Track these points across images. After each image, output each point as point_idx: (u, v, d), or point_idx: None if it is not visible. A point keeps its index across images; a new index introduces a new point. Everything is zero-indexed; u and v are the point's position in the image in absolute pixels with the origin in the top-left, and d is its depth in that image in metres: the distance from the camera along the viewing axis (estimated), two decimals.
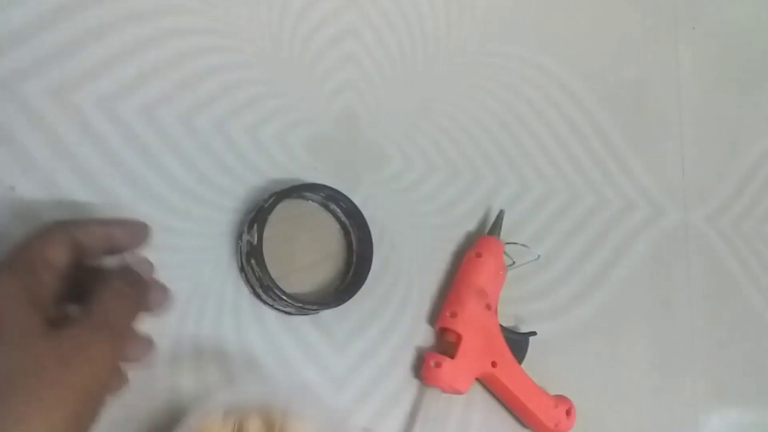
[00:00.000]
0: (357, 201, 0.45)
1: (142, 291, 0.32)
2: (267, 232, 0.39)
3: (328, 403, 0.41)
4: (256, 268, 0.39)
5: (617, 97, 0.57)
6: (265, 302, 0.41)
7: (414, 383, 0.44)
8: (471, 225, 0.49)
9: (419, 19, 0.51)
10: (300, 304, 0.39)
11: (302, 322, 0.42)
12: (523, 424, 0.47)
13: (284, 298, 0.39)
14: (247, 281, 0.40)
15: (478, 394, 0.46)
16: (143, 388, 0.36)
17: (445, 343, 0.44)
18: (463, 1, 0.53)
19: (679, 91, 0.59)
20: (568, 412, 0.46)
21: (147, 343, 0.33)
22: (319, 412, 0.36)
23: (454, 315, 0.43)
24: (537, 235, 0.51)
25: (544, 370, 0.48)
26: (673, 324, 0.54)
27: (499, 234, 0.47)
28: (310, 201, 0.44)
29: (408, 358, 0.45)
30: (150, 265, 0.35)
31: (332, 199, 0.43)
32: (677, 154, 0.58)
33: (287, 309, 0.41)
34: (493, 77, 0.52)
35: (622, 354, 0.52)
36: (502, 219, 0.47)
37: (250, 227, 0.39)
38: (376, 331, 0.44)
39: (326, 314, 0.42)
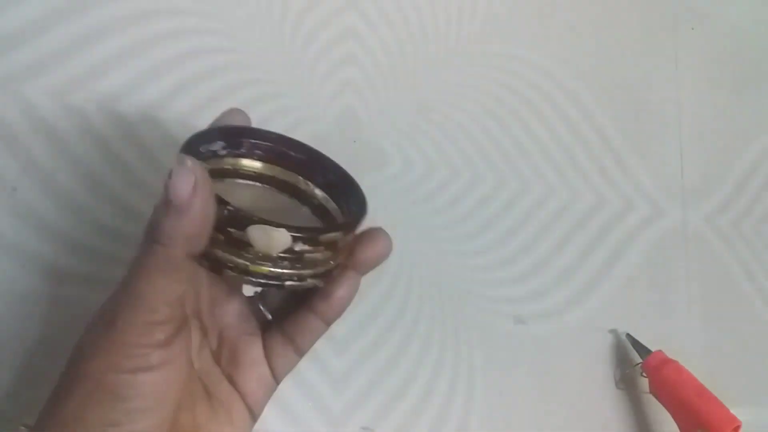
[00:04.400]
0: None
1: None
2: None
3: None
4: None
5: (616, 97, 0.57)
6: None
7: (415, 380, 0.44)
8: (471, 225, 0.49)
9: (419, 19, 0.51)
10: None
11: None
12: None
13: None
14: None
15: None
16: None
17: None
18: (463, 2, 0.53)
19: (678, 91, 0.59)
20: None
21: None
22: None
23: None
24: (537, 234, 0.51)
25: (543, 370, 0.48)
26: (671, 324, 0.54)
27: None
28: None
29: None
30: None
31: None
32: (676, 154, 0.58)
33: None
34: (493, 77, 0.53)
35: None
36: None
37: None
38: (376, 331, 0.44)
39: None
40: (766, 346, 0.56)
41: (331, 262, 0.29)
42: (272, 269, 0.28)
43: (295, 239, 0.27)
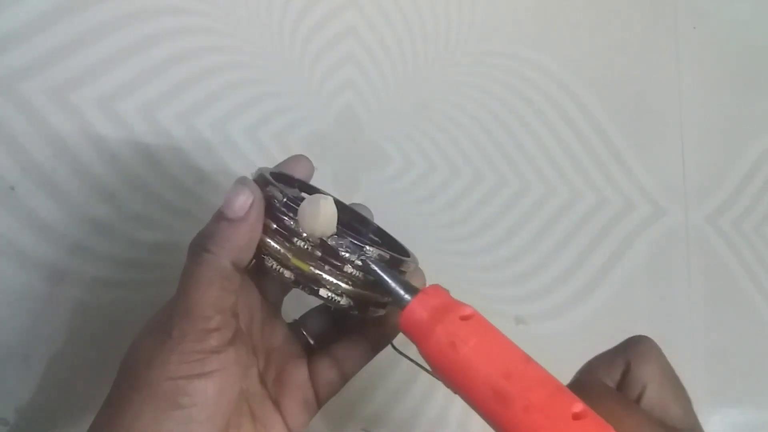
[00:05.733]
0: (357, 201, 0.44)
1: None
2: None
3: None
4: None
5: (617, 96, 0.57)
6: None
7: (415, 381, 0.44)
8: (471, 224, 0.49)
9: (419, 19, 0.51)
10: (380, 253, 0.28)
11: None
12: None
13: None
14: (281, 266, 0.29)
15: None
16: None
17: None
18: (463, 1, 0.53)
19: (679, 91, 0.59)
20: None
21: None
22: None
23: None
24: (537, 234, 0.51)
25: None
26: (673, 324, 0.54)
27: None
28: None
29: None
30: None
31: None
32: (677, 154, 0.58)
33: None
34: (493, 77, 0.52)
35: None
36: None
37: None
38: None
39: None
40: (767, 346, 0.56)
41: (370, 294, 0.29)
42: (312, 269, 0.28)
43: (341, 234, 0.27)
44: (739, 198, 0.59)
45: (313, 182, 0.37)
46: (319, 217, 0.27)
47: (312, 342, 0.33)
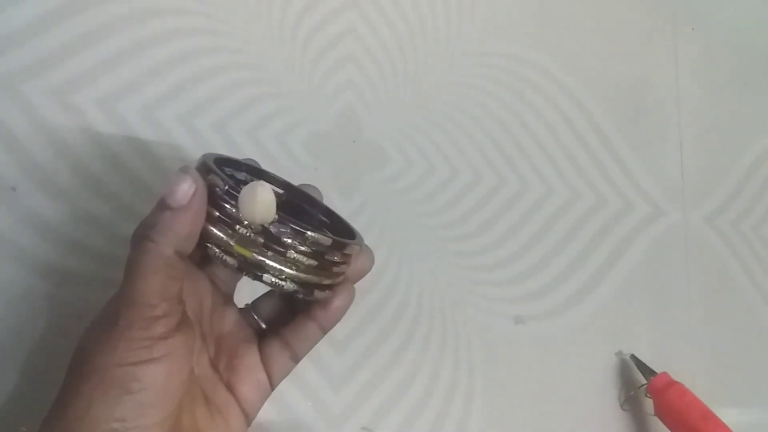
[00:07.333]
0: (357, 201, 0.45)
1: None
2: None
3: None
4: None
5: (617, 97, 0.57)
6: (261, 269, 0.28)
7: (415, 381, 0.44)
8: (471, 224, 0.49)
9: (419, 19, 0.51)
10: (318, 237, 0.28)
11: None
12: None
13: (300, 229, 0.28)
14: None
15: None
16: None
17: None
18: (463, 2, 0.53)
19: (678, 91, 0.59)
20: None
21: None
22: None
23: None
24: (536, 234, 0.51)
25: (543, 369, 0.48)
26: (672, 324, 0.54)
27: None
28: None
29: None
30: None
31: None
32: (676, 154, 0.58)
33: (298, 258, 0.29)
34: (493, 77, 0.53)
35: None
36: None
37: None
38: (376, 331, 0.44)
39: None
40: (766, 346, 0.56)
41: (314, 277, 0.30)
42: (255, 255, 0.28)
43: (282, 221, 0.28)
44: (738, 198, 0.59)
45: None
46: (256, 205, 0.27)
47: (263, 326, 0.34)
